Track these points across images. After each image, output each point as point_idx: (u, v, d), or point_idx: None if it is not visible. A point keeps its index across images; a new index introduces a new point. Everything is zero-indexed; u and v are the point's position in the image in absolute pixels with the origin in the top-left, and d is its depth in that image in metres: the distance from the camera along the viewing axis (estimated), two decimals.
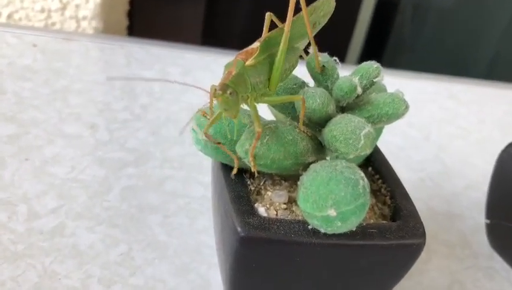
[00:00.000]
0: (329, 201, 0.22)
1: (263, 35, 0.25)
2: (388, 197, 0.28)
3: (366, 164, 0.31)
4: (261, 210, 0.26)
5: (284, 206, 0.26)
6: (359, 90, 0.25)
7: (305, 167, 0.25)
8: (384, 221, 0.27)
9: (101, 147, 0.41)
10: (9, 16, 0.63)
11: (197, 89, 0.24)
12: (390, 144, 0.49)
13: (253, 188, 0.27)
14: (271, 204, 0.26)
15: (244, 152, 0.25)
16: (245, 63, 0.24)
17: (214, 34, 0.93)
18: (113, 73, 0.53)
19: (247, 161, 0.25)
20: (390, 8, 1.05)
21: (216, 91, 0.23)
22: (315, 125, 0.26)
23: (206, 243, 0.34)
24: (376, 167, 0.30)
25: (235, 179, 0.27)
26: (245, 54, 0.24)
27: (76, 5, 0.63)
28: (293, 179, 0.27)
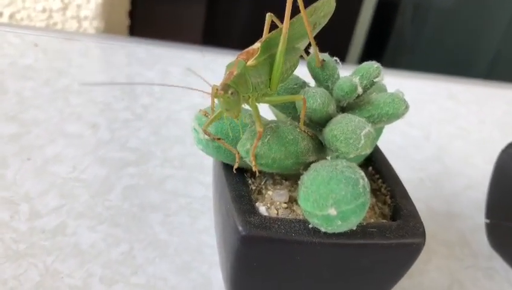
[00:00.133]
0: (329, 200, 0.22)
1: (264, 36, 0.25)
2: (388, 196, 0.28)
3: (367, 163, 0.31)
4: (262, 209, 0.26)
5: (285, 205, 0.26)
6: (359, 90, 0.25)
7: (306, 166, 0.25)
8: (384, 220, 0.27)
9: (103, 147, 0.41)
10: (11, 16, 0.63)
11: (197, 87, 0.24)
12: (391, 143, 0.50)
13: (254, 188, 0.27)
14: (272, 203, 0.26)
15: (245, 152, 0.25)
16: (246, 63, 0.24)
17: (214, 34, 0.93)
18: (114, 72, 0.53)
19: (248, 161, 0.25)
20: (391, 8, 1.05)
21: (218, 91, 0.23)
22: (316, 125, 0.26)
23: (207, 243, 0.34)
24: (376, 166, 0.31)
25: (236, 179, 0.27)
26: (246, 54, 0.24)
27: (78, 5, 0.63)
28: (294, 179, 0.27)
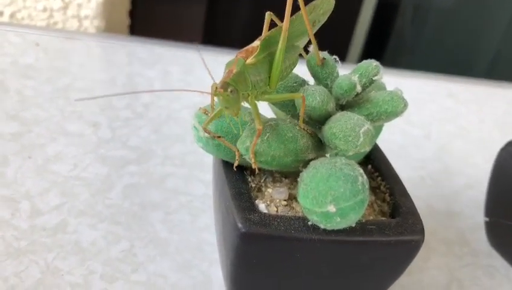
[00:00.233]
0: (328, 197, 0.22)
1: (263, 34, 0.26)
2: (387, 194, 0.29)
3: (366, 161, 0.31)
4: (262, 207, 0.26)
5: (285, 202, 0.27)
6: (358, 89, 0.26)
7: (305, 164, 0.25)
8: (383, 218, 0.27)
9: (103, 145, 0.41)
10: (12, 15, 0.63)
11: (197, 86, 0.24)
12: (391, 142, 0.50)
13: (254, 185, 0.27)
14: (271, 201, 0.26)
15: (244, 149, 0.25)
16: (245, 61, 0.24)
17: (214, 34, 0.94)
18: (115, 72, 0.53)
19: (248, 158, 0.25)
20: (391, 9, 1.05)
21: (217, 89, 0.23)
22: (315, 122, 0.26)
23: (208, 241, 0.34)
24: (376, 164, 0.31)
25: (236, 176, 0.27)
26: (245, 52, 0.25)
27: (78, 5, 0.63)
28: (294, 176, 0.28)
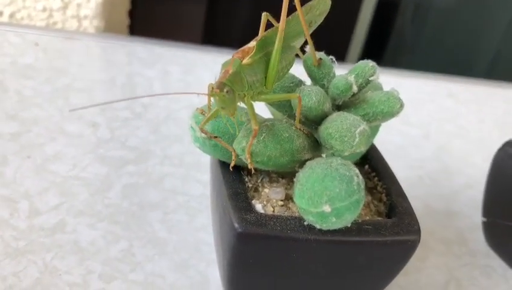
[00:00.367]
0: (324, 197, 0.23)
1: (259, 35, 0.26)
2: (384, 194, 0.29)
3: (363, 162, 0.31)
4: (258, 207, 0.26)
5: (281, 203, 0.27)
6: (355, 89, 0.26)
7: (302, 164, 0.25)
8: (379, 218, 0.27)
9: (102, 145, 0.41)
10: (12, 15, 0.63)
11: (197, 86, 0.24)
12: (390, 142, 0.50)
13: (250, 185, 0.27)
14: (268, 201, 0.27)
15: (241, 149, 0.25)
16: (242, 61, 0.24)
17: (214, 34, 0.94)
18: (115, 72, 0.53)
19: (244, 158, 0.25)
20: (391, 8, 1.05)
21: (213, 89, 0.23)
22: (311, 123, 0.26)
23: (205, 240, 0.34)
24: (373, 164, 0.31)
25: (233, 176, 0.27)
26: (241, 52, 0.25)
27: (78, 4, 0.63)
28: (290, 177, 0.28)
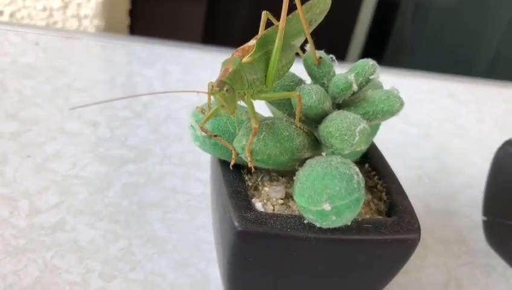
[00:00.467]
0: (324, 195, 0.23)
1: (259, 33, 0.26)
2: (384, 193, 0.29)
3: (363, 160, 0.31)
4: (258, 205, 0.26)
5: (281, 201, 0.27)
6: (355, 88, 0.26)
7: (302, 162, 0.25)
8: (379, 216, 0.27)
9: (102, 144, 0.41)
10: (12, 15, 0.64)
11: (197, 86, 0.24)
12: (390, 142, 0.50)
13: (250, 184, 0.27)
14: (268, 199, 0.27)
15: (241, 148, 0.25)
16: (242, 60, 0.24)
17: (214, 33, 0.94)
18: (115, 71, 0.53)
19: (244, 157, 0.25)
20: (391, 8, 1.05)
21: (213, 88, 0.23)
22: (311, 121, 0.26)
23: (205, 239, 0.34)
24: (373, 163, 0.31)
25: (233, 175, 0.27)
26: (241, 51, 0.25)
27: (78, 4, 0.63)
28: (290, 175, 0.28)
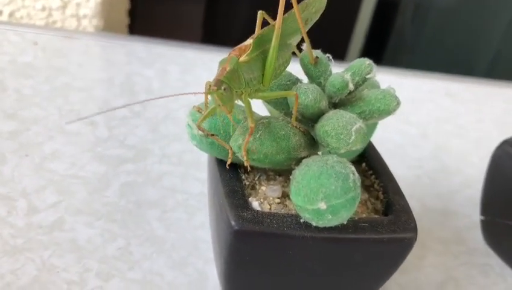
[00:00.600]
0: (320, 194, 0.23)
1: (256, 33, 0.26)
2: (381, 192, 0.29)
3: (360, 160, 0.31)
4: (255, 204, 0.26)
5: (278, 200, 0.27)
6: (351, 87, 0.26)
7: (298, 161, 0.25)
8: (376, 215, 0.27)
9: (101, 144, 0.41)
10: (11, 14, 0.64)
11: (196, 85, 0.24)
12: (389, 141, 0.50)
13: (247, 183, 0.27)
14: (265, 198, 0.27)
15: (237, 147, 0.25)
16: (239, 59, 0.24)
17: (214, 33, 0.94)
18: (114, 71, 0.53)
19: (240, 156, 0.25)
20: (391, 7, 1.05)
21: (211, 87, 0.23)
22: (308, 120, 0.26)
23: (203, 238, 0.34)
24: (370, 162, 0.31)
25: (230, 174, 0.27)
26: (238, 50, 0.25)
27: (77, 4, 0.63)
28: (287, 174, 0.28)
